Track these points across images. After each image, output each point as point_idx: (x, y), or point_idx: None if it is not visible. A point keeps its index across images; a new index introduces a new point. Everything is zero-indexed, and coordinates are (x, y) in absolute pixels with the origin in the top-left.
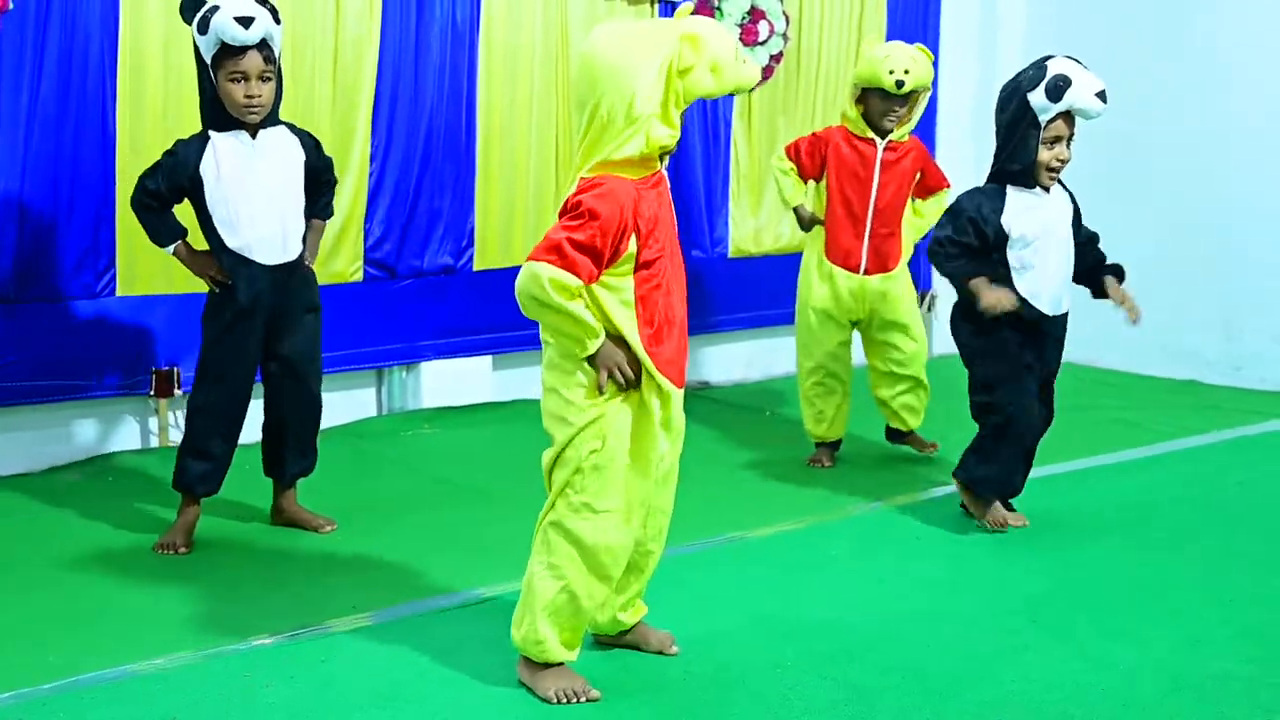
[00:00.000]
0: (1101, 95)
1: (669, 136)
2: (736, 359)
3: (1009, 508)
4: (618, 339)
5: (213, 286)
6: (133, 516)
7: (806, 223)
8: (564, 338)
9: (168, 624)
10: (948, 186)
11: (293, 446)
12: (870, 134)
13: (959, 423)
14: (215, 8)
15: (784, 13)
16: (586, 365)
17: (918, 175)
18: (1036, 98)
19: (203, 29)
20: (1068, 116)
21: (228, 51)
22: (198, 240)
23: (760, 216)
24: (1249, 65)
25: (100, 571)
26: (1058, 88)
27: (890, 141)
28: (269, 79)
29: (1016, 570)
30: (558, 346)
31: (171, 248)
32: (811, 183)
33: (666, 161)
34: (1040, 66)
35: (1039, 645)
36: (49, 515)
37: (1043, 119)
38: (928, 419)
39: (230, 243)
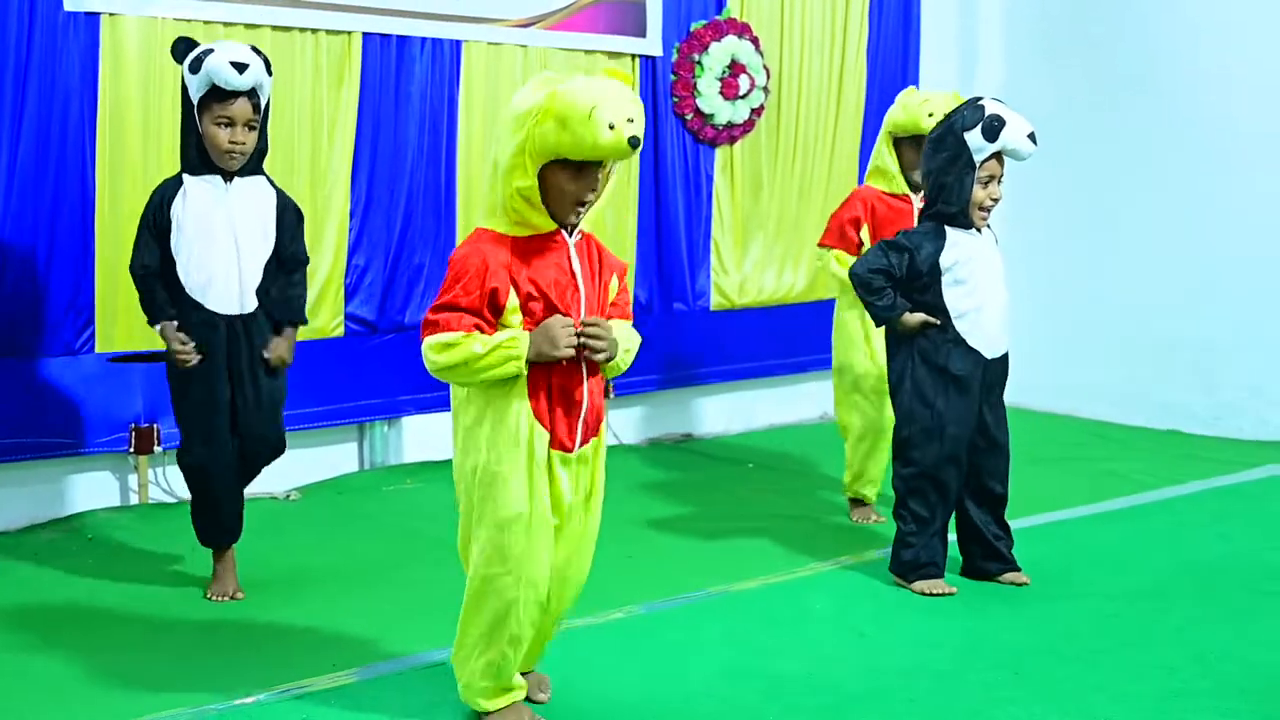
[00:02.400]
0: (1032, 137)
1: (526, 185)
2: (718, 411)
3: (1010, 565)
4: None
5: (177, 360)
6: (112, 575)
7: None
8: (493, 371)
9: (148, 684)
10: None
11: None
12: (905, 190)
13: None
14: (210, 50)
15: (764, 66)
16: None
17: (900, 232)
18: (973, 138)
19: (194, 69)
20: (999, 157)
21: (217, 95)
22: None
23: (744, 269)
24: (1222, 117)
25: (79, 631)
26: (993, 128)
27: (924, 196)
28: (254, 128)
29: (998, 623)
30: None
31: (159, 327)
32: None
33: (572, 230)
34: (976, 107)
35: (1021, 699)
36: (27, 574)
37: (978, 159)
38: None
39: (187, 286)
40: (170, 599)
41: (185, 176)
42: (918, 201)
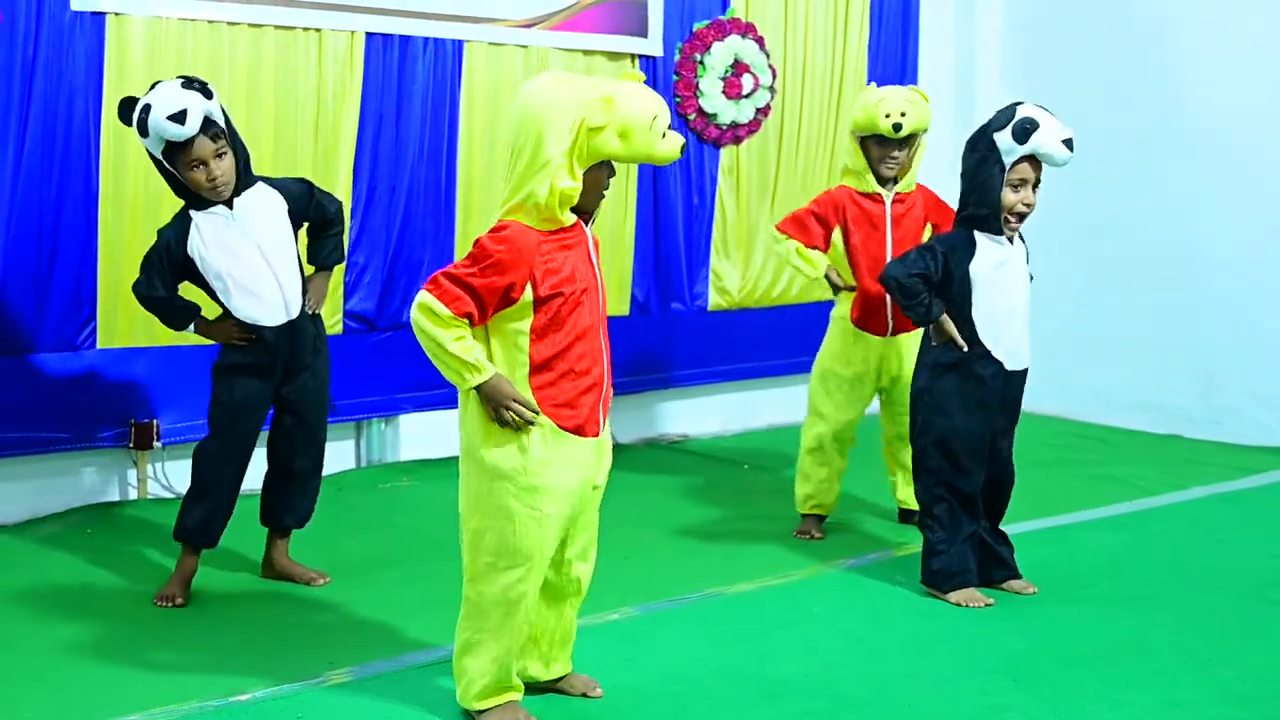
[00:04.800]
0: (1068, 143)
1: (572, 189)
2: (715, 412)
3: (1012, 571)
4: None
5: (238, 344)
6: (112, 569)
7: (841, 289)
8: (446, 369)
9: (145, 680)
10: None
11: (297, 495)
12: (876, 188)
13: None
14: (147, 107)
15: (770, 66)
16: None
17: (929, 225)
18: (1003, 139)
19: (143, 131)
20: (1033, 161)
21: (176, 145)
22: (210, 310)
23: (749, 271)
24: (1220, 121)
25: (77, 626)
26: (1024, 130)
27: (897, 193)
28: (224, 153)
29: (997, 629)
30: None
31: (190, 327)
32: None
33: (590, 220)
34: (1009, 109)
35: (1019, 706)
36: (26, 568)
37: (1008, 161)
38: None
39: (238, 313)
40: None
41: (192, 213)
42: (889, 199)
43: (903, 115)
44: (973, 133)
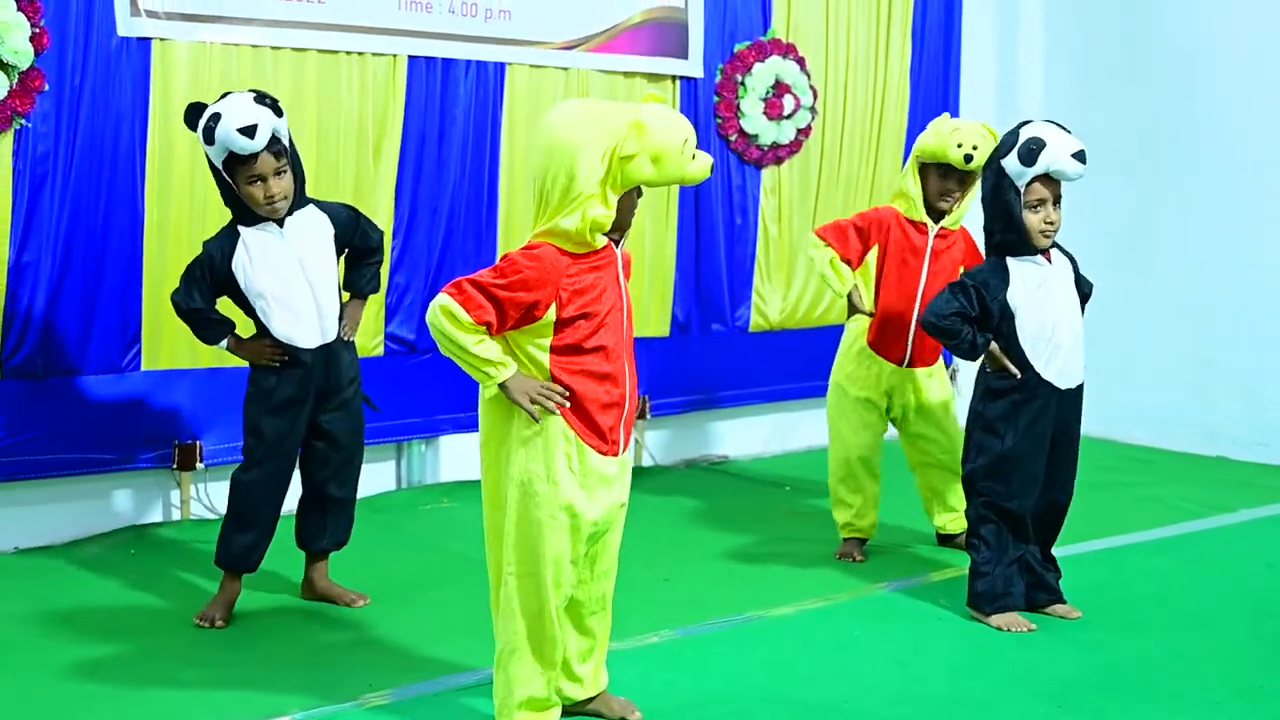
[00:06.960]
0: (1079, 156)
1: (605, 217)
2: (756, 433)
3: (1057, 596)
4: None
5: (270, 365)
6: (154, 590)
7: (858, 312)
8: (469, 369)
9: (184, 700)
10: None
11: (332, 519)
12: (924, 218)
13: None
14: (217, 115)
15: (811, 86)
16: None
17: (961, 269)
18: (1010, 163)
19: (209, 139)
20: (1047, 179)
21: (238, 157)
22: (244, 328)
23: (790, 292)
24: (1265, 140)
25: (119, 646)
26: (1030, 151)
27: (941, 228)
28: (284, 172)
29: (1042, 654)
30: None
31: (224, 343)
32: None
33: (622, 240)
34: (1014, 132)
35: None
36: (71, 588)
37: (1020, 184)
38: None
39: (275, 332)
40: None
41: (241, 229)
42: (934, 232)
43: (974, 148)
44: (985, 162)
